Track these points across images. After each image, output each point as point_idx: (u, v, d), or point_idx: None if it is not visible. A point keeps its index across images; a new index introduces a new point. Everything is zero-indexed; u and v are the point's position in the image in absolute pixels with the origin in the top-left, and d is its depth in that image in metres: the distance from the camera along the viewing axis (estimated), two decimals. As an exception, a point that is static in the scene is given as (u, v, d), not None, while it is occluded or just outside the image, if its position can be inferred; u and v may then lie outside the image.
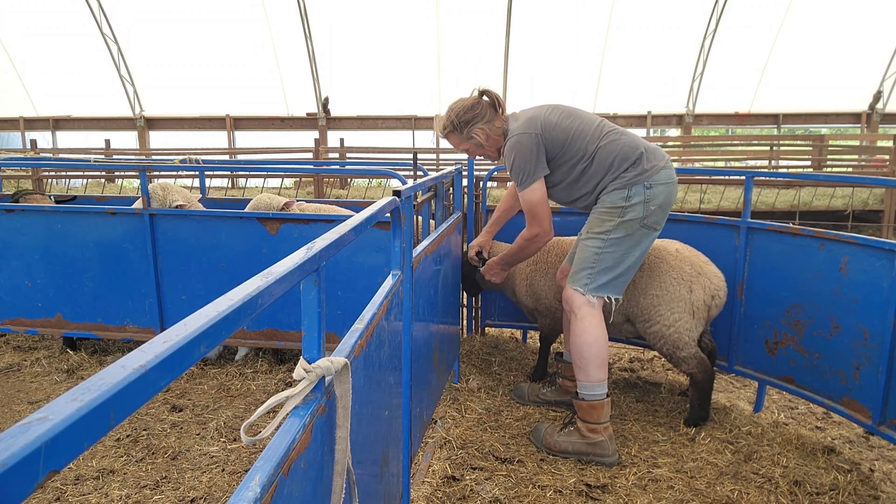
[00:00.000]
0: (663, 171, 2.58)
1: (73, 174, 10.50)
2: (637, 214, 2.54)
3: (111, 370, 0.53)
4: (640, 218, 2.55)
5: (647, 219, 2.56)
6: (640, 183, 2.54)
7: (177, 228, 3.46)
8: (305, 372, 1.01)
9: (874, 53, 14.05)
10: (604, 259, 2.60)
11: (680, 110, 15.01)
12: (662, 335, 2.86)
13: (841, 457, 2.70)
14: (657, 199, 2.55)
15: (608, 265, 2.60)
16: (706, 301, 2.87)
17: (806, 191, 9.33)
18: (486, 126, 2.71)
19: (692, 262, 2.91)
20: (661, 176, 2.56)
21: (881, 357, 2.49)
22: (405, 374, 1.93)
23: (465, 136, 2.75)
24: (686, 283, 2.85)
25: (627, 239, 2.57)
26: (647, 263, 2.92)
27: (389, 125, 15.04)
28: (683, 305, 2.83)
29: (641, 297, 2.91)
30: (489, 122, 2.71)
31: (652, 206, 2.54)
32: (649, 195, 2.54)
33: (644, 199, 2.53)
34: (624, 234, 2.57)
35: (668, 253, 2.95)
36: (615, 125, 2.70)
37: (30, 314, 3.68)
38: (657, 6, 13.42)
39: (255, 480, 0.80)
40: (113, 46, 14.01)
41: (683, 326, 2.83)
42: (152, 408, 3.10)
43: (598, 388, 2.61)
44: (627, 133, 2.67)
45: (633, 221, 2.55)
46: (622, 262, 2.60)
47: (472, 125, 2.71)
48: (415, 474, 2.46)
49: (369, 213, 1.40)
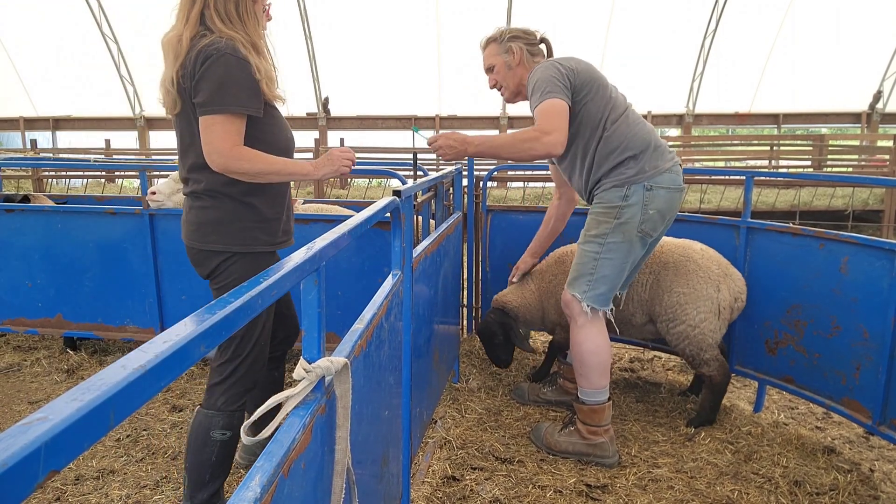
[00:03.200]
0: (666, 175, 2.44)
1: (73, 174, 10.50)
2: (634, 217, 2.42)
3: (111, 370, 0.53)
4: (637, 222, 2.42)
5: (644, 224, 2.43)
6: (640, 183, 2.41)
7: (177, 228, 3.45)
8: (305, 372, 1.01)
9: (874, 53, 14.04)
10: (603, 265, 2.47)
11: (680, 110, 15.02)
12: (687, 336, 2.78)
13: (841, 457, 2.70)
14: (656, 203, 2.42)
15: (607, 272, 2.47)
16: (730, 303, 2.83)
17: (806, 191, 9.32)
18: (525, 48, 2.62)
19: (719, 262, 2.87)
20: (663, 179, 2.43)
21: (881, 357, 2.49)
22: (405, 374, 1.93)
23: (503, 48, 2.63)
24: (714, 282, 2.78)
25: (626, 245, 2.45)
26: (673, 261, 2.85)
27: (389, 125, 15.04)
28: (710, 305, 2.77)
29: (666, 294, 2.83)
30: (531, 52, 2.63)
31: (650, 210, 2.41)
32: (648, 197, 2.41)
33: (643, 200, 2.41)
34: (621, 238, 2.44)
35: (693, 251, 2.87)
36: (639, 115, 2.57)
37: (30, 314, 3.68)
38: (657, 6, 13.42)
39: (255, 480, 0.80)
40: (113, 46, 14.02)
41: (708, 327, 2.77)
42: (152, 408, 3.10)
43: (599, 395, 2.59)
44: (644, 124, 2.53)
45: (630, 225, 2.43)
46: (621, 271, 2.49)
47: (516, 40, 2.62)
48: (415, 474, 2.46)
49: (369, 213, 1.40)
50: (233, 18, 1.85)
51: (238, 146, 1.81)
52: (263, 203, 1.96)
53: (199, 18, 1.84)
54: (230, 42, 1.80)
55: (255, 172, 1.83)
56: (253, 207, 1.94)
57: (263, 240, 1.98)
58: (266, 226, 1.98)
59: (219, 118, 1.78)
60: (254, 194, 1.94)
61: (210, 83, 1.77)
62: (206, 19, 1.84)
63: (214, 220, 1.92)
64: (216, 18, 1.83)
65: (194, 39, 1.82)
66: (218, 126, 1.78)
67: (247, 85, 1.81)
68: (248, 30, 1.87)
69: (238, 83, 1.79)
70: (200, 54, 1.78)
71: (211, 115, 1.79)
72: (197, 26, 1.84)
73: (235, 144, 1.80)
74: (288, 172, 1.90)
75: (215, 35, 1.82)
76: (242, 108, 1.80)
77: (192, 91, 1.81)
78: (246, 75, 1.80)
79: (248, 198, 1.93)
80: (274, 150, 1.93)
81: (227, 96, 1.78)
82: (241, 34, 1.85)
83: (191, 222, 1.96)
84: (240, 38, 1.83)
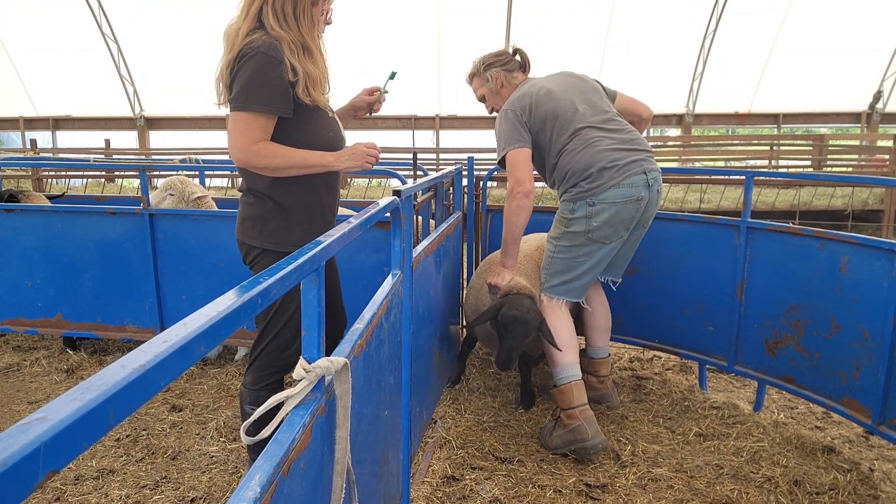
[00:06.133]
0: (612, 191, 2.57)
1: (73, 174, 10.49)
2: (579, 228, 2.65)
3: (111, 370, 0.53)
4: (582, 231, 2.65)
5: (593, 233, 2.64)
6: (584, 199, 2.62)
7: (177, 228, 3.46)
8: (305, 372, 1.01)
9: (874, 53, 14.04)
10: (555, 262, 2.76)
11: (680, 110, 15.01)
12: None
13: (841, 456, 2.70)
14: (600, 217, 2.60)
15: (559, 269, 2.75)
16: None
17: (806, 190, 9.32)
18: (503, 72, 2.87)
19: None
20: (608, 195, 2.58)
21: (881, 357, 2.49)
22: (405, 374, 1.93)
23: (484, 79, 2.91)
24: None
25: (574, 248, 2.70)
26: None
27: (389, 125, 15.03)
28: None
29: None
30: (509, 72, 2.88)
31: (594, 223, 2.62)
32: (591, 212, 2.62)
33: (586, 214, 2.62)
34: (570, 243, 2.70)
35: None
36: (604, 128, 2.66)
37: (30, 314, 3.68)
38: (657, 6, 13.41)
39: (255, 480, 0.80)
40: (113, 46, 14.00)
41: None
42: (152, 408, 3.10)
43: (570, 370, 2.70)
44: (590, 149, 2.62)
45: (577, 234, 2.66)
46: (572, 269, 2.72)
47: (491, 67, 2.88)
48: (415, 474, 2.46)
49: (369, 213, 1.40)
50: (288, 18, 1.87)
51: (258, 142, 1.83)
52: (298, 205, 2.01)
53: (258, 14, 1.87)
54: (271, 41, 1.83)
55: (273, 167, 1.87)
56: (290, 208, 1.99)
57: (295, 240, 2.01)
58: (300, 227, 2.02)
59: (242, 115, 1.82)
60: (289, 196, 1.98)
61: (241, 80, 1.81)
62: (262, 15, 1.87)
63: (253, 217, 2.01)
64: (271, 16, 1.86)
65: (249, 34, 1.85)
66: (241, 123, 1.82)
67: (274, 85, 1.82)
68: (301, 31, 1.90)
69: (265, 83, 1.81)
70: (242, 51, 1.82)
71: (236, 112, 1.83)
72: (254, 22, 1.87)
73: (256, 141, 1.83)
74: (307, 164, 1.91)
75: (262, 33, 1.85)
76: (265, 108, 1.82)
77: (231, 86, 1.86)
78: (276, 75, 1.82)
79: (285, 198, 1.98)
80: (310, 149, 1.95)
81: (252, 94, 1.81)
82: (293, 35, 1.87)
83: (238, 216, 2.08)
84: (288, 39, 1.86)
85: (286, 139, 1.90)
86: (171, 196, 3.67)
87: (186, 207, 3.63)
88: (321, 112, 2.00)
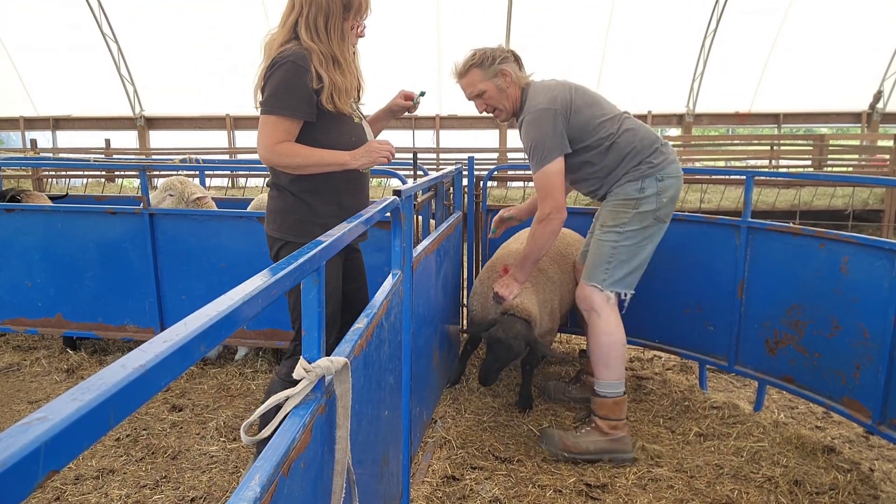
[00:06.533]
0: (672, 165, 2.64)
1: (73, 174, 10.49)
2: (650, 206, 2.60)
3: (111, 370, 0.53)
4: (653, 210, 2.60)
5: (660, 211, 2.61)
6: (653, 175, 2.59)
7: (177, 228, 3.46)
8: (305, 372, 1.01)
9: (874, 53, 14.03)
10: (621, 252, 2.62)
11: (680, 110, 15.01)
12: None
13: (841, 456, 2.70)
14: (668, 192, 2.61)
15: (625, 258, 2.63)
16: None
17: (806, 190, 9.32)
18: (513, 69, 2.68)
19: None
20: (671, 169, 2.62)
21: (881, 357, 2.49)
22: (405, 374, 1.93)
23: (491, 73, 2.67)
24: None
25: (642, 231, 2.62)
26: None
27: (389, 125, 15.00)
28: None
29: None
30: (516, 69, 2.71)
31: (664, 198, 2.60)
32: (661, 187, 2.59)
33: (657, 190, 2.59)
34: (639, 225, 2.61)
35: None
36: (633, 118, 2.73)
37: (30, 314, 3.68)
38: (657, 6, 13.41)
39: (255, 480, 0.80)
40: (113, 46, 14.01)
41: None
42: (152, 407, 3.10)
43: (620, 386, 2.67)
44: (644, 126, 2.70)
45: (647, 213, 2.60)
46: (637, 256, 2.64)
47: (501, 62, 2.66)
48: (415, 474, 2.46)
49: (369, 212, 1.40)
50: (319, 31, 2.00)
51: (281, 143, 1.97)
52: (319, 201, 2.10)
53: (293, 26, 2.01)
54: (301, 52, 1.96)
55: (294, 166, 2.00)
56: (309, 203, 2.10)
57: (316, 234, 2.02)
58: (321, 221, 2.08)
59: (269, 118, 1.96)
60: (311, 192, 2.09)
61: (271, 86, 1.95)
62: (297, 27, 2.01)
63: (277, 210, 2.14)
64: (304, 28, 1.99)
65: (283, 45, 1.99)
66: (268, 125, 1.96)
67: (300, 92, 1.95)
68: (331, 44, 2.01)
69: (292, 90, 1.94)
70: (274, 59, 1.96)
71: (264, 115, 1.97)
72: (290, 33, 2.01)
73: (279, 142, 1.97)
74: (325, 163, 2.02)
75: (295, 43, 1.99)
76: (290, 112, 1.95)
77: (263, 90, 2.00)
78: (302, 83, 1.94)
79: (305, 194, 2.09)
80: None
81: (280, 100, 1.94)
82: (323, 46, 1.99)
83: (266, 210, 2.21)
84: (318, 50, 1.98)
85: (311, 141, 2.02)
86: (171, 197, 3.67)
87: (186, 208, 3.63)
88: (346, 118, 2.11)
